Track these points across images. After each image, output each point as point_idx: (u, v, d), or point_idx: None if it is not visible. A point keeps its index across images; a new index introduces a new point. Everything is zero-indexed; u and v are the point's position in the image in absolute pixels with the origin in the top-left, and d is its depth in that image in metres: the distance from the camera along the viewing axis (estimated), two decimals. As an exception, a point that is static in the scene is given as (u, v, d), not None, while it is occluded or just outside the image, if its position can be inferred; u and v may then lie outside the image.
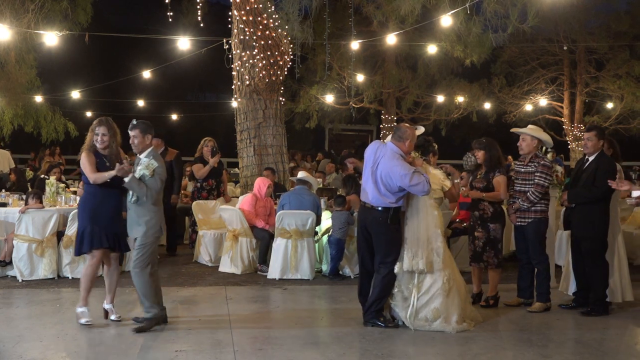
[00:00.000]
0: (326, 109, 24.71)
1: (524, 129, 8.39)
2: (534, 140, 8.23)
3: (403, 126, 7.63)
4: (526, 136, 8.25)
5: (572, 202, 8.25)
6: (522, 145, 8.28)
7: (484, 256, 8.29)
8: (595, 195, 8.05)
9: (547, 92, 25.36)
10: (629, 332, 7.64)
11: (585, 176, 8.21)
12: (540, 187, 8.11)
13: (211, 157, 11.91)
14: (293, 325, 7.51)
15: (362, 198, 7.58)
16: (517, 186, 8.32)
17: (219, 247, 11.02)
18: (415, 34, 20.51)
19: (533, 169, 8.17)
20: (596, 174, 8.06)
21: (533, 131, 8.31)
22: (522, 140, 8.28)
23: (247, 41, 12.85)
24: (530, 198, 8.09)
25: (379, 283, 7.38)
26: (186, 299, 8.72)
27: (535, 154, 8.25)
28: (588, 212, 8.11)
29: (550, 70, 25.80)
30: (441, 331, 7.19)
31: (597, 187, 8.03)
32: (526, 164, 8.28)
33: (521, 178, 8.29)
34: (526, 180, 8.23)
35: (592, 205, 8.08)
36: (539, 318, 8.00)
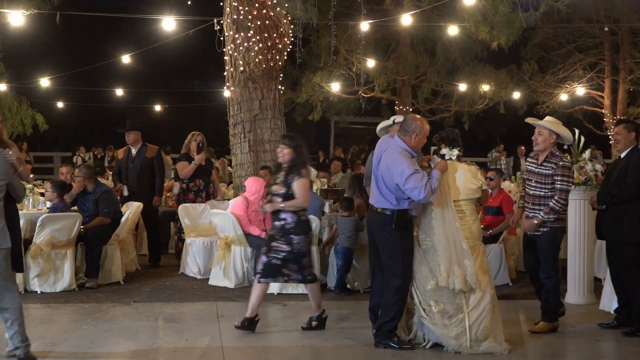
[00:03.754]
0: (332, 99, 24.72)
1: (541, 121, 8.24)
2: (552, 135, 8.03)
3: (410, 117, 7.60)
4: (543, 130, 8.06)
5: (602, 204, 8.26)
6: (538, 140, 8.09)
7: (285, 270, 8.00)
8: (626, 193, 8.06)
9: (586, 80, 25.34)
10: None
11: (616, 174, 8.23)
12: (564, 193, 7.91)
13: (197, 153, 11.88)
14: (293, 347, 7.52)
15: (369, 199, 7.61)
16: (529, 189, 8.16)
17: (208, 257, 11.02)
18: (434, 14, 20.53)
19: (550, 171, 7.94)
20: (627, 170, 8.07)
21: (552, 124, 8.13)
22: (538, 134, 8.10)
23: (242, 21, 12.85)
24: (555, 208, 7.87)
25: (390, 299, 7.38)
26: (171, 316, 8.72)
27: (551, 152, 8.04)
28: (620, 213, 8.11)
29: (588, 55, 25.77)
30: (490, 353, 7.20)
31: (627, 183, 8.04)
32: (540, 163, 8.08)
33: (534, 180, 8.10)
34: (540, 183, 8.03)
35: (624, 206, 8.08)
36: (573, 340, 8.00)
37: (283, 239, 7.93)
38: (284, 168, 8.02)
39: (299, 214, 7.96)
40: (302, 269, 8.00)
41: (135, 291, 9.98)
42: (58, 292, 9.65)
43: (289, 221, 7.92)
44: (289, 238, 7.91)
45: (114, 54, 21.15)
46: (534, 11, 14.06)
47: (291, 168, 7.97)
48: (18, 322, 6.55)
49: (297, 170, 7.95)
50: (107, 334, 7.71)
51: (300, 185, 7.88)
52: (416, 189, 7.03)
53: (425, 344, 7.41)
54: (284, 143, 8.06)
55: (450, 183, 7.42)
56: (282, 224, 7.95)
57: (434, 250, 7.33)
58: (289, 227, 7.92)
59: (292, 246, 7.91)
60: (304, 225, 8.04)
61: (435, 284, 7.25)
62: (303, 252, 8.00)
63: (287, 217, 7.92)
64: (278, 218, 7.98)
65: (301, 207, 7.95)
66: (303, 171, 7.99)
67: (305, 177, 7.97)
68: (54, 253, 9.72)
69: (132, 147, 11.93)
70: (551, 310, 8.17)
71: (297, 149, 8.00)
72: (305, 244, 8.03)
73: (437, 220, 7.35)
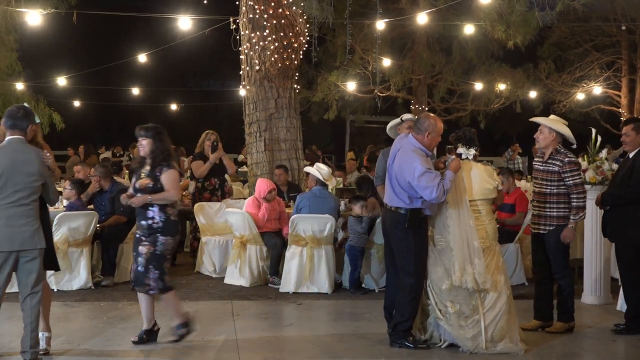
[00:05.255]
0: (347, 98, 24.69)
1: (543, 119, 8.27)
2: (552, 133, 8.02)
3: (423, 116, 7.58)
4: (543, 128, 8.08)
5: (606, 205, 8.26)
6: (539, 138, 8.10)
7: (146, 279, 7.32)
8: (629, 196, 8.05)
9: (603, 79, 25.18)
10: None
11: (621, 174, 8.22)
12: (579, 187, 7.91)
13: (211, 152, 11.89)
14: (309, 345, 7.53)
15: (384, 199, 7.61)
16: (536, 187, 8.19)
17: (224, 256, 11.05)
18: (450, 12, 20.47)
19: (555, 168, 7.94)
20: (632, 171, 8.04)
21: (552, 122, 8.12)
22: (539, 132, 8.12)
23: (257, 20, 12.86)
24: (580, 205, 7.87)
25: (404, 299, 7.37)
26: (187, 315, 8.74)
27: (556, 149, 8.02)
28: (623, 215, 8.11)
29: (606, 54, 25.62)
30: (506, 353, 7.19)
31: (629, 185, 8.04)
32: (545, 160, 8.08)
33: (540, 177, 8.11)
34: (546, 181, 8.04)
35: (628, 208, 8.07)
36: (589, 340, 7.98)
37: (149, 240, 7.27)
38: (148, 162, 7.41)
39: (169, 214, 7.33)
40: (163, 274, 7.30)
41: (151, 289, 9.99)
42: (74, 290, 9.70)
43: (157, 220, 7.27)
44: (155, 238, 7.27)
45: (131, 53, 21.21)
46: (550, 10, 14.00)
47: (155, 160, 7.35)
48: (31, 326, 6.53)
49: (164, 161, 7.36)
50: (123, 332, 7.74)
51: (170, 177, 7.31)
52: (428, 188, 7.02)
53: (441, 344, 7.40)
54: (140, 135, 7.38)
55: (466, 183, 7.40)
56: (149, 223, 7.30)
57: (449, 250, 7.31)
58: (156, 227, 7.27)
59: (156, 247, 7.25)
60: (173, 227, 7.39)
61: (450, 284, 7.23)
62: (165, 255, 7.33)
63: (156, 215, 7.27)
64: (145, 217, 7.30)
65: (172, 200, 7.35)
66: (172, 162, 7.45)
67: (175, 169, 7.43)
68: (70, 251, 9.77)
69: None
70: (567, 310, 8.14)
71: (156, 137, 7.36)
72: (169, 247, 7.36)
73: (452, 220, 7.34)
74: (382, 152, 9.49)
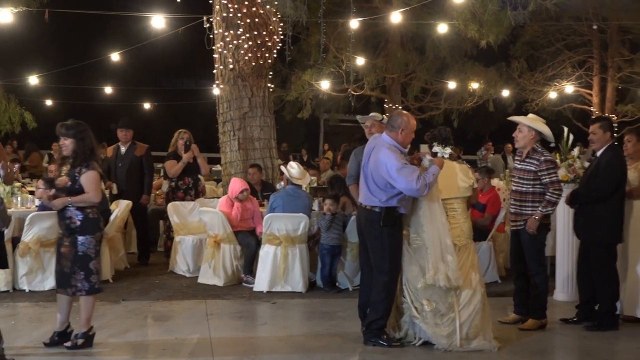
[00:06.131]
0: (321, 97, 24.70)
1: (521, 118, 8.34)
2: (532, 132, 8.10)
3: (396, 113, 7.60)
4: (523, 127, 8.15)
5: (575, 203, 8.38)
6: (518, 137, 8.18)
7: (72, 280, 7.10)
8: (595, 194, 8.15)
9: (574, 78, 25.37)
10: None
11: (589, 173, 8.33)
12: (556, 184, 7.99)
13: (184, 151, 11.85)
14: (282, 344, 7.52)
15: (359, 198, 7.62)
16: (513, 185, 8.28)
17: (198, 255, 11.02)
18: (423, 11, 20.50)
19: (532, 167, 8.04)
20: (598, 170, 8.12)
21: (531, 121, 8.20)
22: (518, 131, 8.19)
23: (231, 19, 12.84)
24: (552, 200, 7.96)
25: (378, 297, 7.38)
26: (160, 314, 8.73)
27: (533, 148, 8.11)
28: (592, 213, 8.21)
29: (577, 53, 25.81)
30: (480, 351, 7.24)
31: (596, 185, 8.14)
32: (523, 159, 8.18)
33: (518, 176, 8.21)
34: (523, 179, 8.13)
35: (597, 206, 8.16)
36: (561, 337, 8.07)
37: (68, 240, 7.10)
38: (69, 160, 7.17)
39: (87, 212, 7.12)
40: (90, 274, 7.10)
41: (124, 289, 9.95)
42: (47, 290, 9.60)
43: (75, 220, 7.08)
44: (74, 238, 7.07)
45: (104, 51, 21.06)
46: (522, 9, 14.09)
47: (76, 159, 7.11)
48: None
49: (84, 161, 7.11)
50: (96, 332, 7.68)
51: (90, 178, 7.09)
52: (409, 182, 7.03)
53: (416, 342, 7.41)
54: (62, 133, 7.11)
55: (442, 181, 7.42)
56: (67, 222, 7.11)
57: (425, 248, 7.33)
58: (74, 227, 7.08)
59: (77, 248, 7.05)
60: (92, 224, 7.16)
61: (424, 282, 7.26)
62: (89, 254, 7.11)
63: (73, 215, 7.08)
64: (63, 217, 7.12)
65: (92, 202, 7.15)
66: (93, 163, 7.17)
67: (95, 170, 7.15)
68: (42, 251, 9.68)
69: (122, 145, 11.90)
70: (540, 307, 8.21)
71: (78, 136, 7.09)
72: (92, 245, 7.14)
73: (427, 218, 7.36)
74: (354, 152, 9.52)
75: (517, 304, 8.47)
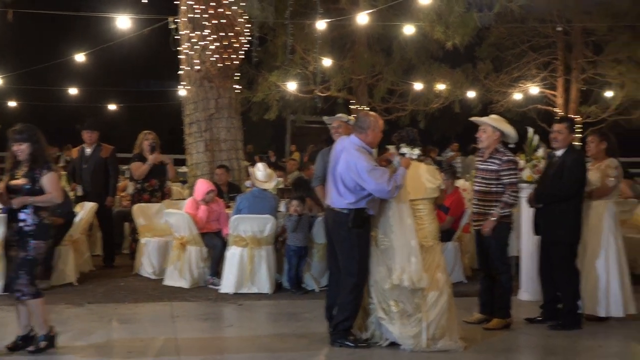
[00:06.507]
0: (288, 98, 24.67)
1: (485, 118, 8.40)
2: (496, 132, 8.17)
3: (363, 114, 7.62)
4: (487, 127, 8.20)
5: (540, 203, 8.41)
6: (482, 137, 8.24)
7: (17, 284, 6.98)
8: (562, 194, 8.22)
9: (539, 79, 25.60)
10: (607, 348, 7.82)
11: (552, 173, 8.37)
12: (514, 186, 8.09)
13: (150, 153, 11.78)
14: (249, 346, 7.52)
15: (326, 200, 7.62)
16: (476, 185, 8.34)
17: (163, 257, 10.95)
18: (390, 13, 20.57)
19: (495, 167, 8.10)
20: (564, 169, 8.20)
21: (495, 121, 8.27)
22: (482, 131, 8.25)
23: (197, 20, 12.78)
24: (509, 201, 8.05)
25: (346, 298, 7.38)
26: (125, 317, 8.66)
27: (495, 149, 8.17)
28: (556, 213, 8.26)
29: (542, 54, 26.04)
30: (446, 351, 7.26)
31: (563, 184, 8.20)
32: (486, 159, 8.23)
33: (480, 176, 8.27)
34: (485, 179, 8.19)
35: (561, 206, 8.23)
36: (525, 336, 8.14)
37: (19, 243, 6.96)
38: (26, 163, 7.07)
39: (42, 216, 7.01)
40: (34, 279, 7.00)
41: (89, 292, 9.87)
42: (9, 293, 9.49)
43: (29, 223, 6.94)
44: (26, 242, 6.93)
45: (68, 52, 20.85)
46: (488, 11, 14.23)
47: (36, 162, 7.00)
48: None
49: (45, 163, 7.05)
50: (61, 335, 7.60)
51: (52, 179, 7.02)
52: (380, 184, 7.05)
53: (382, 343, 7.43)
54: (16, 139, 7.05)
55: (409, 182, 7.44)
56: (20, 225, 6.96)
57: (392, 249, 7.35)
58: (27, 230, 6.93)
59: (27, 251, 6.92)
60: (45, 230, 7.05)
61: (391, 282, 7.27)
62: (37, 260, 7.03)
63: (28, 218, 6.94)
64: (16, 219, 6.98)
65: (55, 202, 7.11)
66: (52, 164, 7.15)
67: (55, 171, 7.16)
68: (5, 254, 9.57)
69: (87, 146, 11.80)
70: (505, 306, 8.27)
71: (33, 139, 7.04)
72: (41, 251, 7.04)
73: (395, 219, 7.37)
74: (321, 153, 9.52)
75: (482, 303, 8.52)
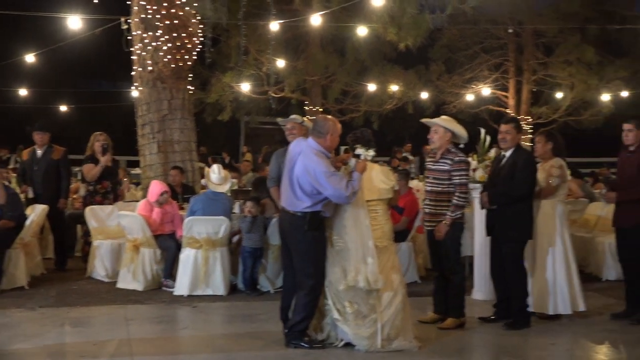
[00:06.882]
0: (242, 100, 24.61)
1: (436, 120, 8.46)
2: (447, 133, 8.24)
3: (322, 118, 7.61)
4: (439, 128, 8.27)
5: (494, 204, 8.48)
6: (434, 138, 8.30)
7: None
8: (516, 194, 8.31)
9: (491, 80, 25.87)
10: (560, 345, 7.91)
11: (503, 174, 8.45)
12: (464, 187, 8.16)
13: (102, 155, 11.67)
14: (204, 348, 7.48)
15: (281, 202, 7.60)
16: (428, 185, 8.40)
17: (117, 260, 10.85)
18: (343, 14, 20.60)
19: (446, 167, 8.16)
20: (515, 171, 8.29)
21: (446, 122, 8.35)
22: (434, 132, 8.31)
23: (150, 20, 12.70)
24: (459, 204, 8.11)
25: (303, 300, 7.37)
26: (78, 320, 8.56)
27: (447, 149, 8.24)
28: (508, 213, 8.35)
29: (494, 56, 26.32)
30: (400, 351, 7.29)
31: (516, 184, 8.30)
32: (437, 159, 8.29)
33: (432, 176, 8.33)
34: (437, 179, 8.25)
35: (511, 206, 8.33)
36: (479, 335, 8.22)
37: None
38: None
39: None
40: None
41: (41, 296, 9.75)
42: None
43: None
44: None
45: (18, 53, 20.58)
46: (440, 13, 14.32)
47: None
48: None
49: None
50: (12, 340, 7.52)
51: None
52: (338, 190, 7.05)
53: (337, 344, 7.44)
54: None
55: (364, 183, 7.46)
56: None
57: (347, 250, 7.36)
58: None
59: None
60: None
61: (346, 284, 7.29)
62: None
63: None
64: None
65: None
66: None
67: None
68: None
69: (38, 148, 11.65)
70: (458, 306, 8.34)
71: None
72: None
73: (350, 220, 7.39)
74: (275, 154, 9.52)
75: (436, 303, 8.58)
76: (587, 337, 8.15)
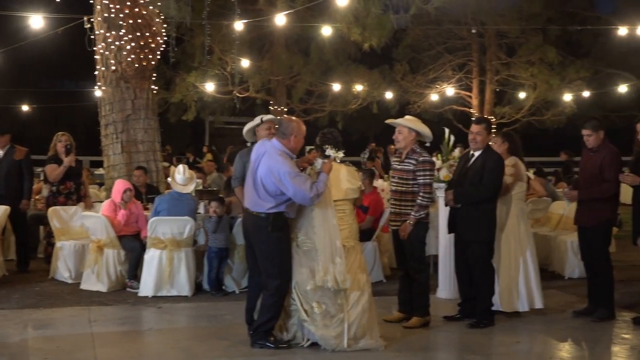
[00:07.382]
0: (206, 99, 24.57)
1: (400, 120, 8.50)
2: (412, 133, 8.27)
3: (286, 120, 7.61)
4: (403, 128, 8.30)
5: (459, 203, 8.51)
6: (399, 139, 8.32)
7: None
8: (483, 195, 8.36)
9: (455, 81, 26.08)
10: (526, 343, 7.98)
11: (472, 174, 8.47)
12: (428, 187, 8.21)
13: (65, 155, 11.56)
14: (169, 349, 7.44)
15: (244, 203, 7.59)
16: (393, 185, 8.43)
17: (80, 261, 10.75)
18: (308, 14, 20.65)
19: (411, 167, 8.20)
20: (483, 171, 8.35)
21: (410, 122, 8.38)
22: (398, 132, 8.34)
23: (113, 20, 12.59)
24: (423, 204, 8.14)
25: (268, 300, 7.36)
26: (41, 322, 8.47)
27: (412, 149, 8.27)
28: (474, 213, 8.39)
29: (457, 56, 26.52)
30: (367, 350, 7.30)
31: (485, 185, 8.34)
32: (402, 160, 8.32)
33: (397, 176, 8.35)
34: (402, 179, 8.28)
35: (480, 206, 8.38)
36: (444, 334, 8.25)
37: None
38: None
39: None
40: None
41: (3, 297, 9.63)
42: None
43: None
44: None
45: (-22, 52, 20.36)
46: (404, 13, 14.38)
47: None
48: None
49: None
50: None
51: None
52: (302, 191, 7.04)
53: (304, 344, 7.43)
54: None
55: (332, 183, 7.46)
56: None
57: (315, 250, 7.35)
58: None
59: None
60: None
61: (314, 284, 7.28)
62: None
63: None
64: None
65: None
66: None
67: None
68: None
69: (0, 149, 11.53)
70: (423, 305, 8.37)
71: None
72: None
73: (318, 220, 7.38)
74: (239, 154, 9.49)
75: (401, 302, 8.61)
76: (550, 334, 8.22)
